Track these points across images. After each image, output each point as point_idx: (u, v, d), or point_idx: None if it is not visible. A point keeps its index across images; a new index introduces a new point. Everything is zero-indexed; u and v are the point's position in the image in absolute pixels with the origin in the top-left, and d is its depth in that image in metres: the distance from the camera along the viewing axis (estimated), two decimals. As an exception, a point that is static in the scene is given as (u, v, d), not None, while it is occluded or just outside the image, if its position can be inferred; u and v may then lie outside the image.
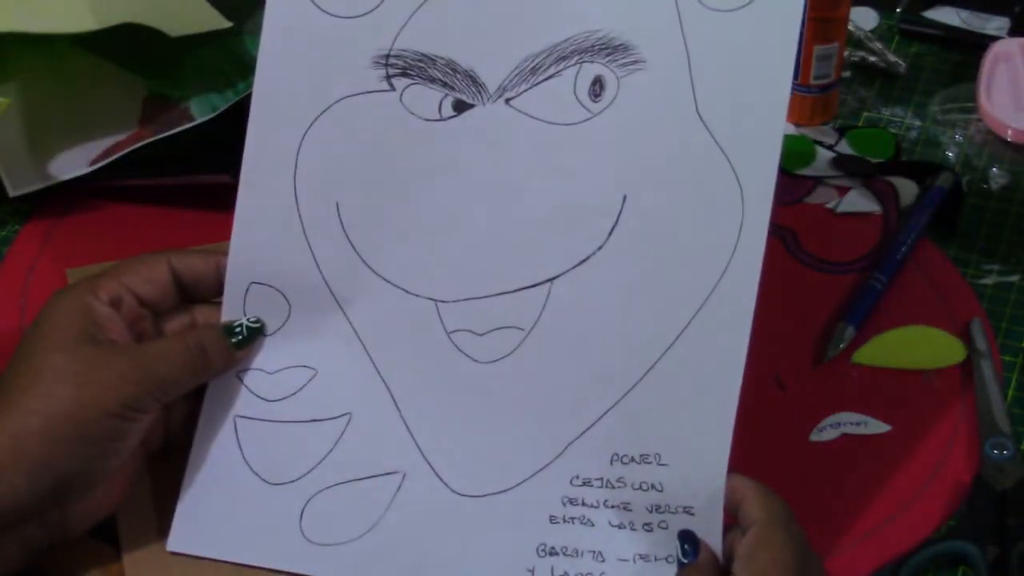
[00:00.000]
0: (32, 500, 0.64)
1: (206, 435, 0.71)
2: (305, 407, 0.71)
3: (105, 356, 0.66)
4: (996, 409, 0.78)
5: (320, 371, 0.71)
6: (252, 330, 0.71)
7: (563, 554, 0.68)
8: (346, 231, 0.71)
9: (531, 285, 0.70)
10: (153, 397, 0.67)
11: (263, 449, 0.71)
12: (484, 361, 0.70)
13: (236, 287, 0.72)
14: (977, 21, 1.05)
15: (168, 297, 0.71)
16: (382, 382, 0.71)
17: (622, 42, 0.69)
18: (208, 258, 0.72)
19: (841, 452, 0.77)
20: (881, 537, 0.73)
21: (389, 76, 0.71)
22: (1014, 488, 0.74)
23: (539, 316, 0.70)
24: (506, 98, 0.70)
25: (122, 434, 0.66)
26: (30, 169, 0.90)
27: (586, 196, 0.69)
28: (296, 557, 0.69)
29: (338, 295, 0.71)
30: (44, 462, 0.64)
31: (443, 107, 0.71)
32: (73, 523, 0.68)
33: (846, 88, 0.99)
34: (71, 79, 0.92)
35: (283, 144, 0.71)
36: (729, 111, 0.68)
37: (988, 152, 0.95)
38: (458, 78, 0.70)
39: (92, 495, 0.67)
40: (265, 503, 0.70)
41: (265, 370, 0.72)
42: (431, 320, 0.71)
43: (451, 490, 0.70)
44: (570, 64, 0.70)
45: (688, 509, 0.67)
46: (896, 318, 0.84)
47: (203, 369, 0.69)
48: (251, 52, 0.91)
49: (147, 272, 0.70)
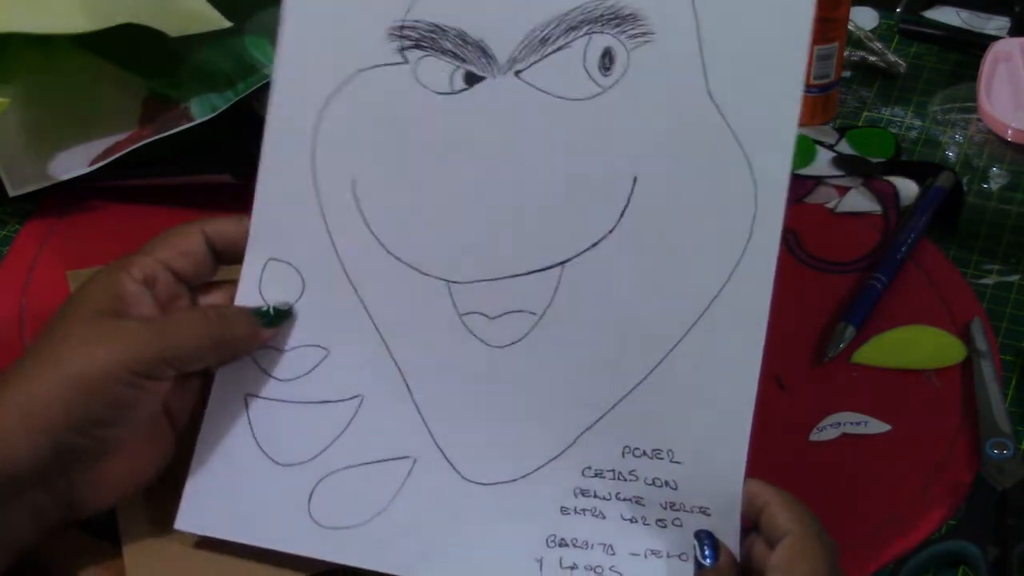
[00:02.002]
0: (33, 466, 0.63)
1: (216, 413, 0.71)
2: (316, 388, 0.71)
3: (119, 325, 0.66)
4: (996, 409, 0.78)
5: (332, 351, 0.71)
6: (280, 311, 0.71)
7: (573, 545, 0.68)
8: (361, 209, 0.71)
9: (543, 268, 0.69)
10: (167, 364, 0.66)
11: (273, 429, 0.71)
12: (496, 345, 0.70)
13: (255, 262, 0.71)
14: (977, 21, 1.05)
15: (205, 268, 0.71)
16: (394, 365, 0.71)
17: (631, 11, 0.69)
18: (240, 222, 0.71)
19: (841, 452, 0.77)
20: (881, 537, 0.73)
21: (403, 48, 0.70)
22: (1014, 488, 0.74)
23: (551, 300, 0.69)
24: (516, 70, 0.69)
25: (132, 402, 0.65)
26: (30, 169, 0.90)
27: (597, 176, 0.69)
28: (303, 539, 0.69)
29: (351, 275, 0.71)
30: (44, 425, 0.63)
31: (454, 80, 0.70)
32: (86, 497, 0.67)
33: (846, 88, 1.00)
34: (71, 79, 0.92)
35: (303, 119, 0.71)
36: (742, 93, 0.67)
37: (988, 152, 0.95)
38: (469, 49, 0.70)
39: (106, 469, 0.67)
40: (274, 484, 0.70)
41: (277, 348, 0.71)
42: (443, 302, 0.70)
43: (462, 477, 0.69)
44: (579, 35, 0.69)
45: (704, 510, 0.67)
46: (896, 318, 0.84)
47: (223, 341, 0.68)
48: (251, 52, 0.91)
49: (182, 244, 0.70)
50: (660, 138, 0.68)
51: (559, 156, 0.69)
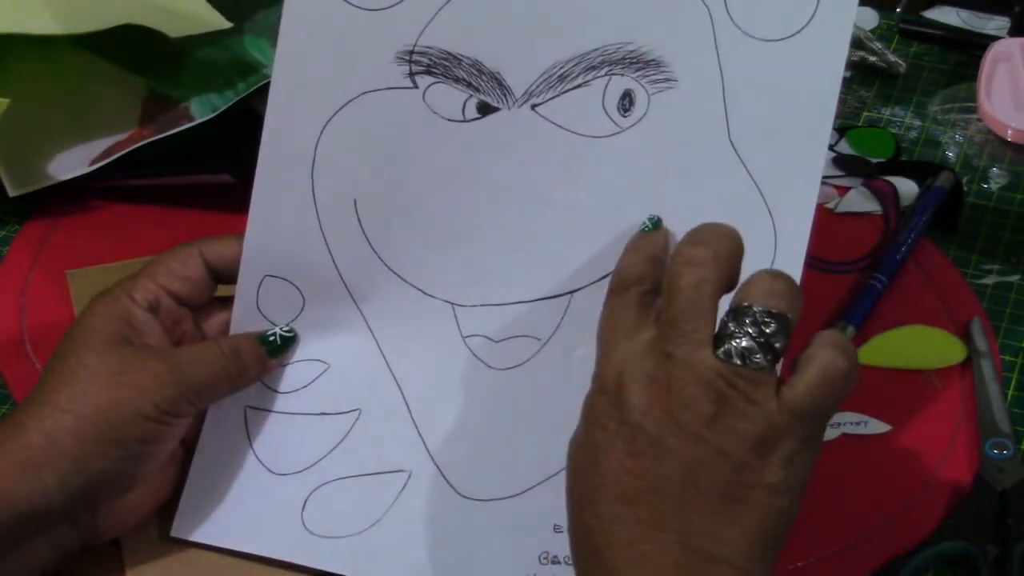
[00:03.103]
0: (63, 500, 0.64)
1: (216, 424, 0.71)
2: (316, 400, 0.71)
3: (140, 358, 0.66)
4: (996, 409, 0.78)
5: (332, 365, 0.71)
6: (286, 339, 0.71)
7: (565, 563, 0.68)
8: (364, 228, 0.71)
9: (552, 296, 0.69)
10: (188, 401, 0.67)
11: (271, 439, 0.71)
12: (498, 368, 0.70)
13: (250, 279, 0.71)
14: (977, 21, 1.05)
15: (204, 291, 0.71)
16: (394, 381, 0.71)
17: (654, 58, 0.68)
18: (238, 242, 0.71)
19: (841, 452, 0.77)
20: (881, 537, 0.73)
21: (412, 73, 0.70)
22: (1014, 488, 0.74)
23: (557, 327, 0.69)
24: (532, 104, 0.69)
25: (156, 437, 0.66)
26: (30, 169, 0.90)
27: (610, 211, 0.69)
28: (296, 548, 0.69)
29: (354, 291, 0.71)
30: (75, 462, 0.64)
31: (467, 108, 0.70)
32: (107, 527, 0.68)
33: (846, 88, 0.99)
34: (71, 79, 0.92)
35: (302, 137, 0.71)
36: (764, 144, 0.67)
37: (988, 152, 0.95)
38: (484, 80, 0.69)
39: (126, 499, 0.67)
40: (268, 492, 0.70)
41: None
42: (447, 323, 0.70)
43: (457, 493, 0.69)
44: (599, 75, 0.69)
45: None
46: (896, 318, 0.84)
47: (238, 375, 0.69)
48: (251, 52, 0.91)
49: (181, 269, 0.70)
50: (678, 179, 0.68)
51: (573, 189, 0.69)
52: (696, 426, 0.57)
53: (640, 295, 0.63)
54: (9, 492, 0.63)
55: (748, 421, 0.57)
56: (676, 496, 0.57)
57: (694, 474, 0.57)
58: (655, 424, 0.58)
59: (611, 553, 0.57)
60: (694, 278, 0.59)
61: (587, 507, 0.58)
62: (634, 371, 0.59)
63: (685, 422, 0.57)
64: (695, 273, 0.59)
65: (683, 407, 0.57)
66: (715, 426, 0.57)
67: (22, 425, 0.64)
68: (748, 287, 0.60)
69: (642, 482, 0.57)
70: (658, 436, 0.57)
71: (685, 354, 0.58)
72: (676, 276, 0.59)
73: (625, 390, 0.59)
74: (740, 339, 0.58)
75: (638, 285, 0.63)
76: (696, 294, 0.59)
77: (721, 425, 0.57)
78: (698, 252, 0.60)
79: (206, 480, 0.71)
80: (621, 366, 0.59)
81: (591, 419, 0.60)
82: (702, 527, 0.57)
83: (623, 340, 0.61)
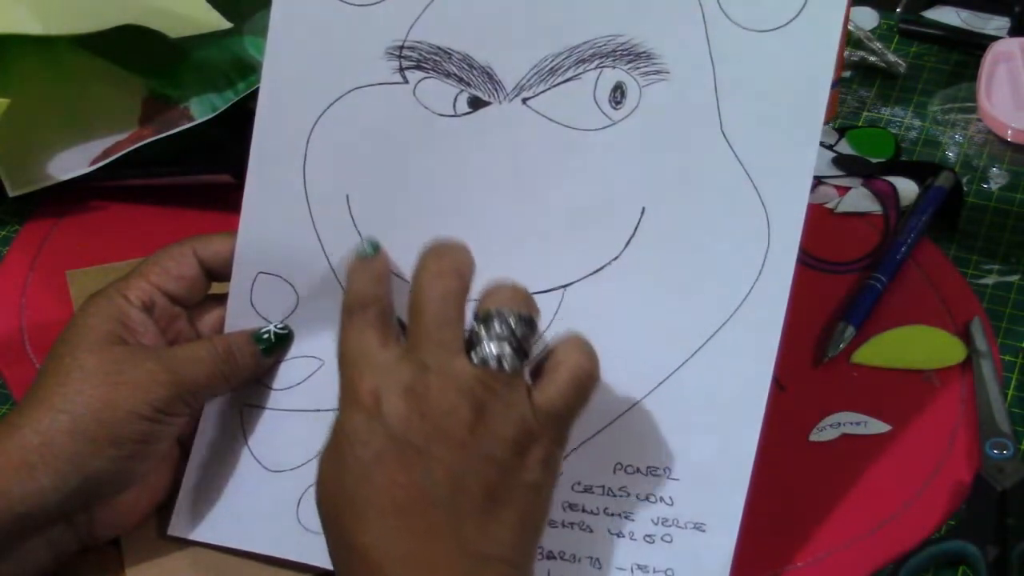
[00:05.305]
0: (59, 501, 0.64)
1: (211, 422, 0.71)
2: (310, 397, 0.71)
3: (135, 357, 0.66)
4: (996, 409, 0.78)
5: (326, 362, 0.71)
6: (280, 336, 0.71)
7: (560, 559, 0.68)
8: (356, 224, 0.71)
9: (544, 290, 0.69)
10: (183, 400, 0.67)
11: (266, 436, 0.71)
12: None
13: (243, 276, 0.71)
14: (977, 21, 1.05)
15: (199, 289, 0.71)
16: None
17: (645, 50, 0.68)
18: (232, 239, 0.71)
19: (841, 452, 0.77)
20: (881, 537, 0.73)
21: (403, 68, 0.70)
22: (1014, 488, 0.74)
23: (550, 322, 0.69)
24: (523, 97, 0.69)
25: (151, 437, 0.66)
26: (30, 169, 0.90)
27: (603, 204, 0.69)
28: (291, 544, 0.69)
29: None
30: (72, 461, 0.64)
31: (458, 103, 0.70)
32: (104, 527, 0.68)
33: (846, 88, 0.99)
34: (71, 79, 0.92)
35: (293, 133, 0.71)
36: (757, 135, 0.67)
37: (988, 152, 0.95)
38: (474, 74, 0.69)
39: (123, 498, 0.67)
40: (264, 489, 0.70)
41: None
42: None
43: None
44: (590, 68, 0.68)
45: (699, 526, 0.67)
46: (896, 318, 0.84)
47: (232, 374, 0.69)
48: (251, 52, 0.91)
49: (175, 268, 0.70)
50: (671, 172, 0.68)
51: (565, 183, 0.69)
52: (460, 433, 0.59)
53: (379, 313, 0.64)
54: (5, 493, 0.63)
55: (508, 424, 0.60)
56: (448, 503, 0.58)
57: (463, 480, 0.59)
58: (419, 435, 0.59)
59: (392, 567, 0.58)
60: (442, 289, 0.61)
61: (358, 526, 0.59)
62: (390, 385, 0.60)
63: (449, 430, 0.59)
64: (443, 284, 0.62)
65: (445, 415, 0.59)
66: (478, 431, 0.59)
67: (17, 426, 0.64)
68: (493, 294, 0.62)
69: (414, 492, 0.59)
70: (424, 446, 0.59)
71: (441, 363, 0.60)
72: (424, 289, 0.62)
73: (384, 404, 0.60)
74: (492, 344, 0.61)
75: (375, 304, 0.64)
76: (445, 304, 0.61)
77: (483, 429, 0.59)
78: (443, 264, 0.62)
79: (202, 478, 0.71)
80: (375, 382, 0.60)
81: (351, 439, 0.60)
82: (476, 531, 0.59)
83: (372, 358, 0.62)
